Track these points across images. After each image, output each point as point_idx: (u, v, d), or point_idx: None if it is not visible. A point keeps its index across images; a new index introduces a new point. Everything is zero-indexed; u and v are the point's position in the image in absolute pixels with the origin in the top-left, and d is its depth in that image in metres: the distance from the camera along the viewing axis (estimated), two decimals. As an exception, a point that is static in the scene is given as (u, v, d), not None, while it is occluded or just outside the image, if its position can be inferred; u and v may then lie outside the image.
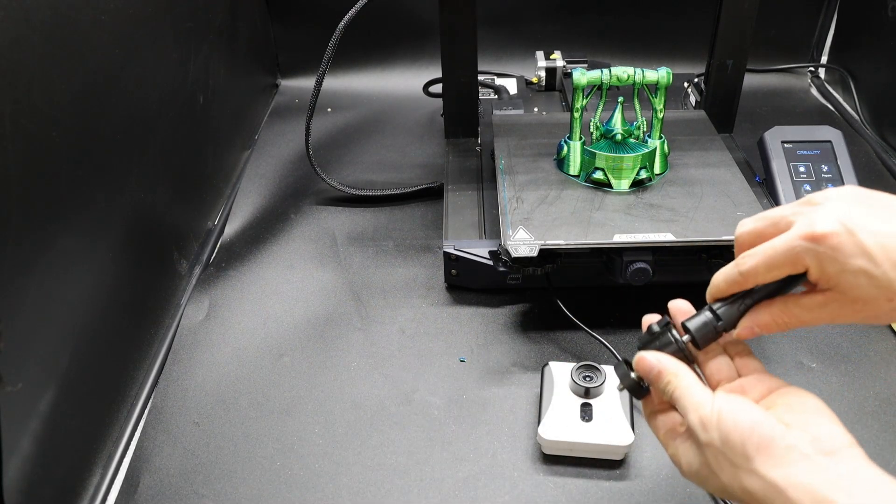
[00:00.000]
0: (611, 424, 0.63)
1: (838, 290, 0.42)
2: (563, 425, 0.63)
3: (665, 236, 0.71)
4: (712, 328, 0.47)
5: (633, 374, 0.48)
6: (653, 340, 0.48)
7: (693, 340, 0.47)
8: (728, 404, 0.42)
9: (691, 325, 0.47)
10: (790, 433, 0.41)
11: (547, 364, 0.68)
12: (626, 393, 0.63)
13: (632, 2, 1.25)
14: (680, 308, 0.50)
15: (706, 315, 0.47)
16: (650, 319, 0.50)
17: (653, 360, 0.47)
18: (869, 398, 0.69)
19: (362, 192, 0.98)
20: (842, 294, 0.42)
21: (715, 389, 0.46)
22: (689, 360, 0.48)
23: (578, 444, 0.63)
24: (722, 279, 0.46)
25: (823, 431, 0.41)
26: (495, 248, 0.77)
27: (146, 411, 0.71)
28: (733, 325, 0.46)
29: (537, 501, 0.62)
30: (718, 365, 0.48)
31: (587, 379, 0.65)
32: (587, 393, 0.65)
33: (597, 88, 0.79)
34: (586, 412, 0.64)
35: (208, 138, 0.97)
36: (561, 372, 0.67)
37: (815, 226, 0.41)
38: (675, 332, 0.48)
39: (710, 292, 0.48)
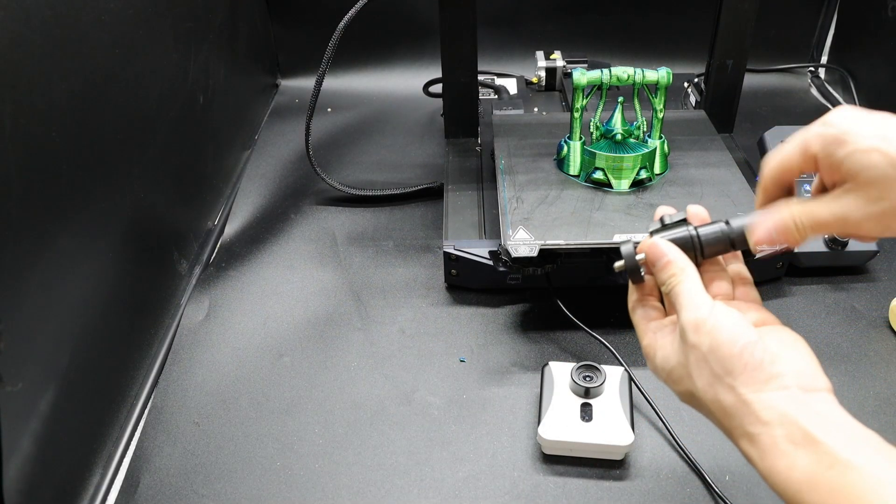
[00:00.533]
0: (611, 424, 0.63)
1: (851, 175, 0.40)
2: (563, 425, 0.63)
3: (665, 236, 0.71)
4: (725, 236, 0.46)
5: (638, 257, 0.47)
6: (663, 230, 0.48)
7: (701, 245, 0.47)
8: (726, 316, 0.42)
9: (703, 229, 0.47)
10: (778, 362, 0.41)
11: (547, 364, 0.68)
12: (625, 393, 0.64)
13: (632, 2, 1.25)
14: (697, 213, 0.49)
15: (720, 224, 0.47)
16: (665, 211, 0.49)
17: (664, 248, 0.46)
18: (869, 398, 0.69)
19: (362, 192, 0.98)
20: (855, 181, 0.40)
21: None
22: (697, 262, 0.47)
23: (578, 444, 0.63)
24: (762, 182, 0.46)
25: (808, 370, 0.41)
26: (495, 248, 0.77)
27: (146, 411, 0.71)
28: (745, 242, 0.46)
29: (537, 501, 0.62)
30: (719, 284, 0.48)
31: (587, 379, 0.65)
32: (587, 393, 0.65)
33: (597, 88, 0.79)
34: (586, 412, 0.64)
35: (208, 138, 0.97)
36: (561, 372, 0.67)
37: (826, 116, 0.42)
38: (690, 226, 0.47)
39: (757, 238, 0.46)
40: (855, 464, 0.36)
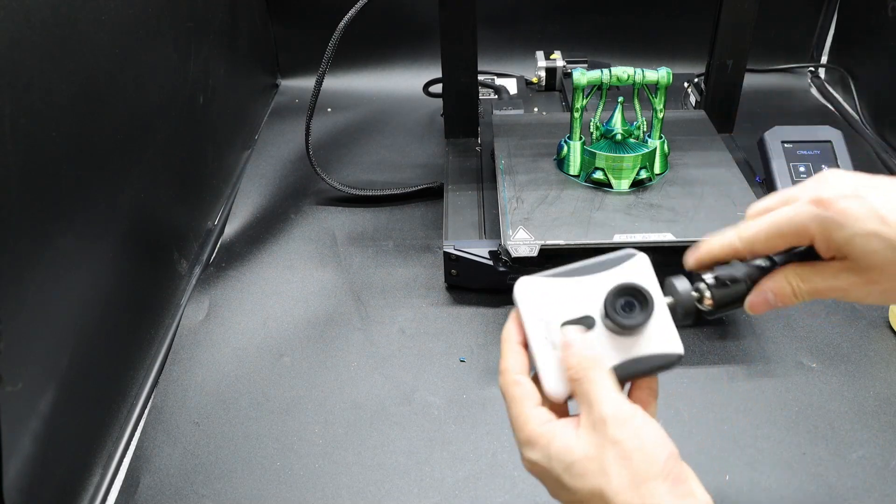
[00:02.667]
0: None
1: (851, 258, 0.40)
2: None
3: (665, 236, 0.71)
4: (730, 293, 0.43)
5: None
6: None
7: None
8: (650, 420, 0.40)
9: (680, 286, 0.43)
10: (691, 479, 0.39)
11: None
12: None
13: (632, 2, 1.25)
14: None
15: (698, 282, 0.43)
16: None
17: (576, 349, 0.41)
18: (869, 398, 0.69)
19: (362, 192, 0.98)
20: (855, 263, 0.40)
21: None
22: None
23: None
24: (717, 243, 0.44)
25: (704, 495, 0.39)
26: (495, 248, 0.77)
27: (146, 411, 0.71)
28: (740, 298, 0.43)
29: (537, 501, 0.62)
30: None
31: (628, 310, 0.43)
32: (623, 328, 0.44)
33: (597, 88, 0.79)
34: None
35: (208, 138, 0.97)
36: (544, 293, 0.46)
37: (823, 191, 0.40)
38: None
39: (698, 256, 0.44)
40: None
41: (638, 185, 0.79)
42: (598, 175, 0.79)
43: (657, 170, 0.81)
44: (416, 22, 1.26)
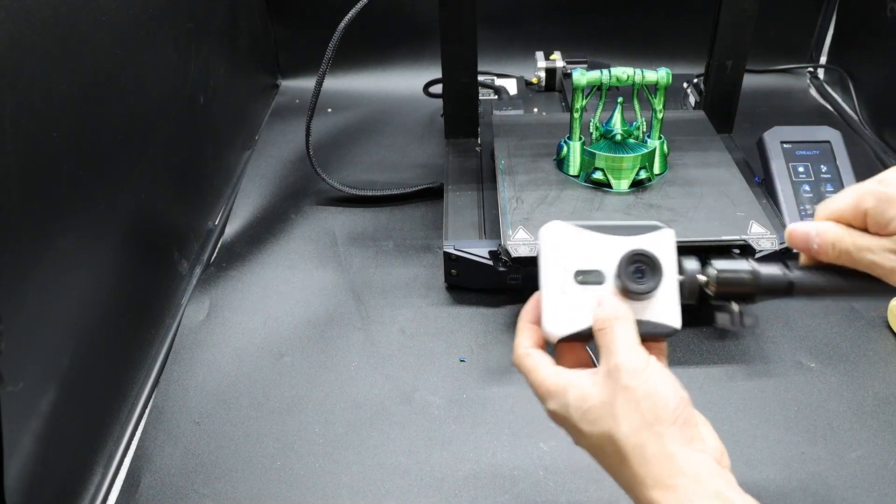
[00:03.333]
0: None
1: None
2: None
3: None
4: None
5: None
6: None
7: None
8: (663, 370, 0.42)
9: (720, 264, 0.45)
10: (702, 426, 0.42)
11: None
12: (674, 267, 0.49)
13: (632, 2, 1.25)
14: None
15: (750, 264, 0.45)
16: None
17: (609, 304, 0.44)
18: (868, 398, 0.69)
19: (362, 192, 0.98)
20: None
21: None
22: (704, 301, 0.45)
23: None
24: (798, 228, 0.45)
25: (719, 446, 0.42)
26: (495, 248, 0.77)
27: (147, 411, 0.71)
28: (744, 288, 0.45)
29: (537, 501, 0.62)
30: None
31: (638, 276, 0.45)
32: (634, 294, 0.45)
33: (596, 89, 0.79)
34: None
35: (208, 138, 0.97)
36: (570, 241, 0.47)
37: (883, 174, 0.42)
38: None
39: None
40: None
41: (637, 185, 0.79)
42: (598, 175, 0.79)
43: (657, 170, 0.81)
44: (416, 22, 1.26)
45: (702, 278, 0.46)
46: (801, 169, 0.86)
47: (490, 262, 0.78)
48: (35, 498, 0.55)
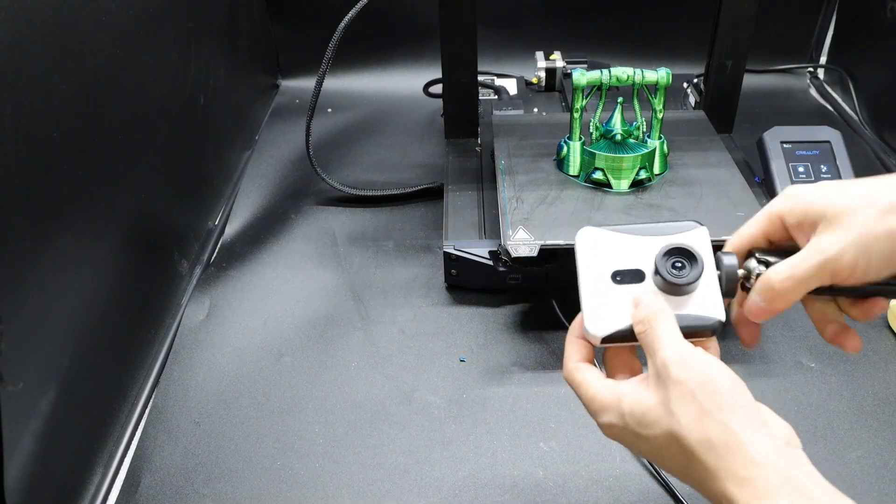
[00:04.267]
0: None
1: (819, 216, 0.42)
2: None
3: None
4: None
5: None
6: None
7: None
8: (711, 357, 0.41)
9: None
10: (763, 410, 0.40)
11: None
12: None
13: (632, 2, 1.25)
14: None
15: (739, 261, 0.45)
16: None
17: (646, 302, 0.44)
18: (868, 398, 0.69)
19: (362, 192, 0.98)
20: (824, 218, 0.42)
21: None
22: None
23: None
24: (733, 239, 0.46)
25: (783, 425, 0.40)
26: (495, 248, 0.77)
27: (147, 411, 0.71)
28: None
29: (537, 501, 0.62)
30: None
31: (678, 269, 0.45)
32: (675, 289, 0.45)
33: (596, 89, 0.79)
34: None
35: (208, 138, 0.97)
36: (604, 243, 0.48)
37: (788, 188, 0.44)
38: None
39: (734, 244, 0.46)
40: None
41: (637, 185, 0.79)
42: (598, 175, 0.79)
43: (657, 170, 0.81)
44: (416, 22, 1.26)
45: (741, 272, 0.45)
46: (801, 169, 0.86)
47: (490, 262, 0.78)
48: (35, 498, 0.55)
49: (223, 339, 0.78)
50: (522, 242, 0.71)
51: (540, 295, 0.81)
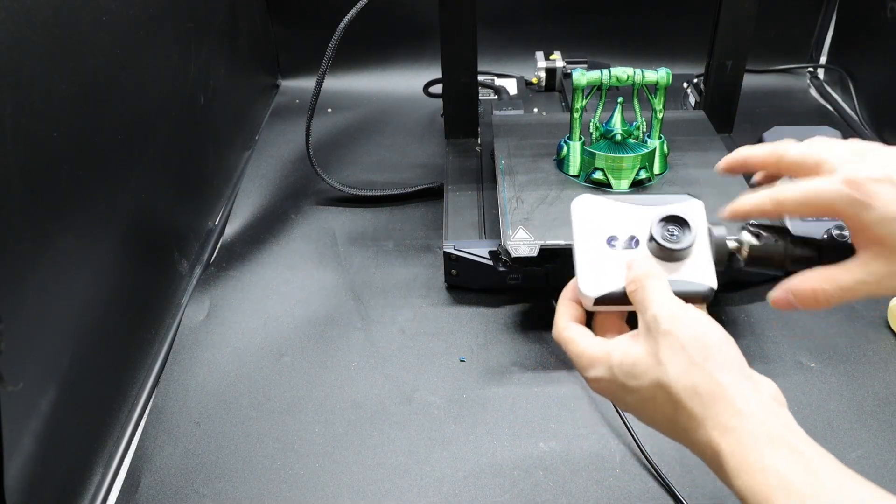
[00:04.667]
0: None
1: (878, 242, 0.40)
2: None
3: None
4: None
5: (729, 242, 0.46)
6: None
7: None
8: (702, 313, 0.42)
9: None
10: (750, 367, 0.41)
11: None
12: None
13: (632, 2, 1.25)
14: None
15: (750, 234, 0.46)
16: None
17: (640, 264, 0.45)
18: (868, 398, 0.69)
19: (362, 192, 0.98)
20: (883, 248, 0.40)
21: None
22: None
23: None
24: (749, 201, 0.45)
25: (771, 384, 0.41)
26: (495, 248, 0.77)
27: (147, 411, 0.71)
28: (774, 259, 0.46)
29: (537, 501, 0.62)
30: None
31: (672, 236, 0.46)
32: (669, 255, 0.46)
33: (596, 89, 0.79)
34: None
35: (208, 138, 0.97)
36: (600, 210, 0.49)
37: (857, 171, 0.41)
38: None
39: (731, 208, 0.45)
40: (836, 481, 0.36)
41: (637, 185, 0.79)
42: (598, 175, 0.79)
43: (657, 170, 0.81)
44: (416, 22, 1.26)
45: (733, 244, 0.46)
46: (801, 169, 0.86)
47: (490, 262, 0.78)
48: (35, 498, 0.55)
49: (223, 339, 0.78)
50: (522, 242, 0.71)
51: (540, 295, 0.81)
